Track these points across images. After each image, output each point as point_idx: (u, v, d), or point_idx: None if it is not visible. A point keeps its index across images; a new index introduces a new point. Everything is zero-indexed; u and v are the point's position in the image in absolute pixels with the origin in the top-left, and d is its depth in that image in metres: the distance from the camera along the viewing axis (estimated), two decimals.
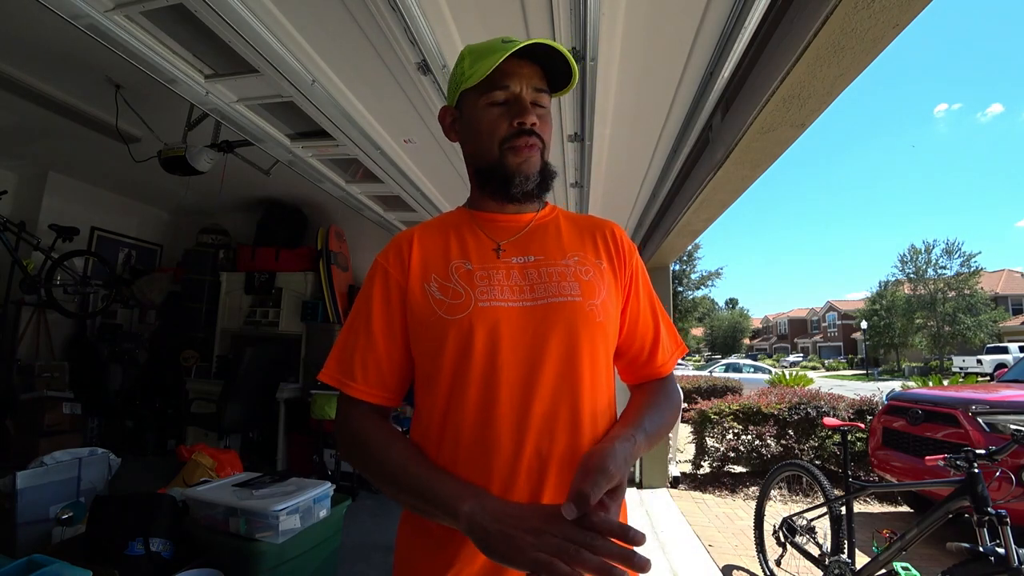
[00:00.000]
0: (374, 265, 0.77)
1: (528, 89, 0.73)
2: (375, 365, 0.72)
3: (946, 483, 1.82)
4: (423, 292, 0.71)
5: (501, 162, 0.74)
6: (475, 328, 0.66)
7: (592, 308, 0.70)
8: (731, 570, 2.81)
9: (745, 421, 4.55)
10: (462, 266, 0.72)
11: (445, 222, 0.81)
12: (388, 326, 0.73)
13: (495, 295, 0.69)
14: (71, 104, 2.90)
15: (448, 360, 0.67)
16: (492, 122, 0.73)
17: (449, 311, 0.68)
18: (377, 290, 0.74)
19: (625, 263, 0.79)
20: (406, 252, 0.75)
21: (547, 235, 0.78)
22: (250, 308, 4.71)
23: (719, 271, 21.43)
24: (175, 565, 1.70)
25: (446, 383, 0.68)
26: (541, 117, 0.74)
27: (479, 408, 0.65)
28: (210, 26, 1.55)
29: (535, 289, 0.71)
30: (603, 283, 0.74)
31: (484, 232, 0.77)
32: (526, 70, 0.73)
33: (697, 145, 2.38)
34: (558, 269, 0.73)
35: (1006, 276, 33.12)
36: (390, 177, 2.78)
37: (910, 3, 1.15)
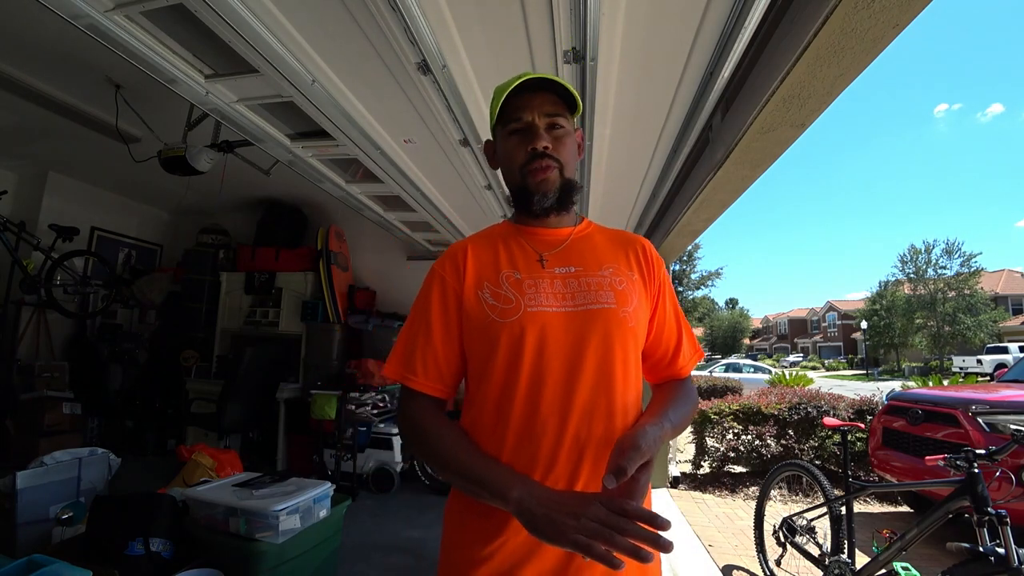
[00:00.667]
0: (431, 273, 0.87)
1: (540, 117, 0.82)
2: (434, 362, 0.81)
3: (946, 483, 1.82)
4: (477, 298, 0.80)
5: (523, 184, 0.84)
6: (526, 330, 0.76)
7: (625, 314, 0.80)
8: (731, 570, 2.81)
9: (745, 421, 4.55)
10: (512, 275, 0.81)
11: (493, 234, 0.90)
12: (445, 328, 0.82)
13: (541, 301, 0.78)
14: (71, 104, 2.90)
15: (501, 358, 0.76)
16: (512, 150, 0.84)
17: (501, 315, 0.78)
18: (435, 295, 0.83)
19: (654, 276, 0.89)
20: (461, 262, 0.84)
21: (584, 248, 0.87)
22: (250, 308, 4.71)
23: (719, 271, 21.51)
24: (175, 565, 1.71)
25: (499, 378, 0.77)
26: (558, 138, 0.83)
27: (527, 400, 0.75)
28: (210, 26, 1.55)
29: (576, 296, 0.80)
30: (634, 292, 0.83)
31: (529, 244, 0.86)
32: (537, 100, 0.82)
33: (697, 145, 2.38)
34: (595, 279, 0.82)
35: (1006, 276, 33.11)
36: (390, 177, 2.78)
37: (910, 3, 1.15)
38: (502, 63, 1.78)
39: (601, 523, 0.58)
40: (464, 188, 3.03)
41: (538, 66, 1.76)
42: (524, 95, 0.81)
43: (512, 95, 0.81)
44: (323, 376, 4.11)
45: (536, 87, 0.82)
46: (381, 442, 3.90)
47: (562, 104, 0.84)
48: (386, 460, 3.86)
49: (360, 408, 3.86)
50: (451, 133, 2.18)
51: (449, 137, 2.25)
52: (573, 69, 1.65)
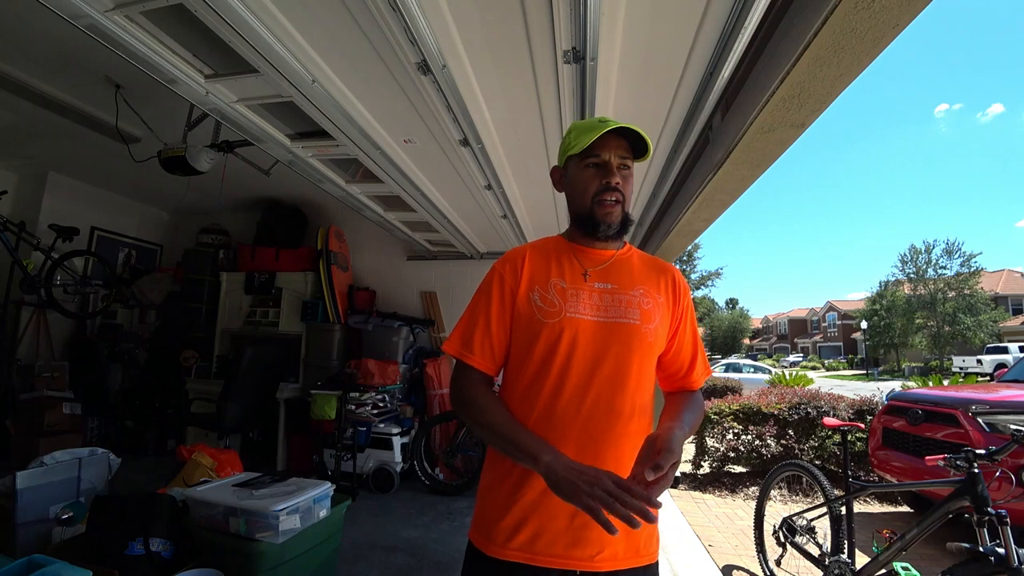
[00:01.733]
0: (493, 271, 1.02)
1: (615, 157, 0.97)
2: (488, 344, 0.97)
3: (946, 483, 1.82)
4: (528, 299, 0.96)
5: (592, 212, 0.99)
6: (564, 331, 0.92)
7: (646, 331, 0.95)
8: (731, 570, 2.81)
9: (745, 421, 4.55)
10: (559, 283, 0.97)
11: (547, 246, 1.05)
12: (501, 318, 0.98)
13: (579, 309, 0.94)
14: (71, 104, 2.90)
15: (538, 351, 0.93)
16: (587, 180, 0.98)
17: (545, 316, 0.94)
18: (495, 290, 0.99)
19: (679, 302, 1.04)
20: (519, 266, 1.00)
21: (622, 270, 1.02)
22: (250, 308, 4.71)
23: (719, 271, 21.49)
24: (175, 565, 1.70)
25: (533, 367, 0.93)
26: (624, 178, 0.99)
27: (552, 389, 0.91)
28: (210, 26, 1.55)
29: (608, 310, 0.95)
30: (659, 313, 0.98)
31: (577, 260, 1.01)
32: (614, 143, 0.97)
33: (697, 145, 2.38)
34: (626, 297, 0.97)
35: (1006, 276, 33.08)
36: (390, 177, 2.78)
37: (910, 3, 1.15)
38: (502, 63, 1.78)
39: (608, 494, 0.71)
40: (464, 188, 3.03)
41: (537, 65, 1.76)
42: (605, 136, 0.95)
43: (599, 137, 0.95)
44: (323, 376, 4.11)
45: (615, 132, 0.96)
46: (381, 442, 3.90)
47: (630, 151, 0.99)
48: (386, 460, 3.86)
49: (360, 408, 3.86)
50: (451, 133, 2.18)
51: (449, 137, 2.25)
52: (573, 69, 1.65)
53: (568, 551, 0.87)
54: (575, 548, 0.87)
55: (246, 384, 3.66)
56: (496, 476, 0.95)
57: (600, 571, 0.88)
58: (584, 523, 0.85)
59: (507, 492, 0.91)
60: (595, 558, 0.87)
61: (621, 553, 0.89)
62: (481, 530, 0.93)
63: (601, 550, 0.87)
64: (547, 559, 0.87)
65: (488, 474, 0.98)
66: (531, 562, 0.87)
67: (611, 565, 0.88)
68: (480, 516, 0.95)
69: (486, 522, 0.92)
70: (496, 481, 0.94)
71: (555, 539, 0.87)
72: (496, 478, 0.94)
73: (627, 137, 0.97)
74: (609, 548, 0.88)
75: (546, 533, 0.87)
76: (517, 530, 0.88)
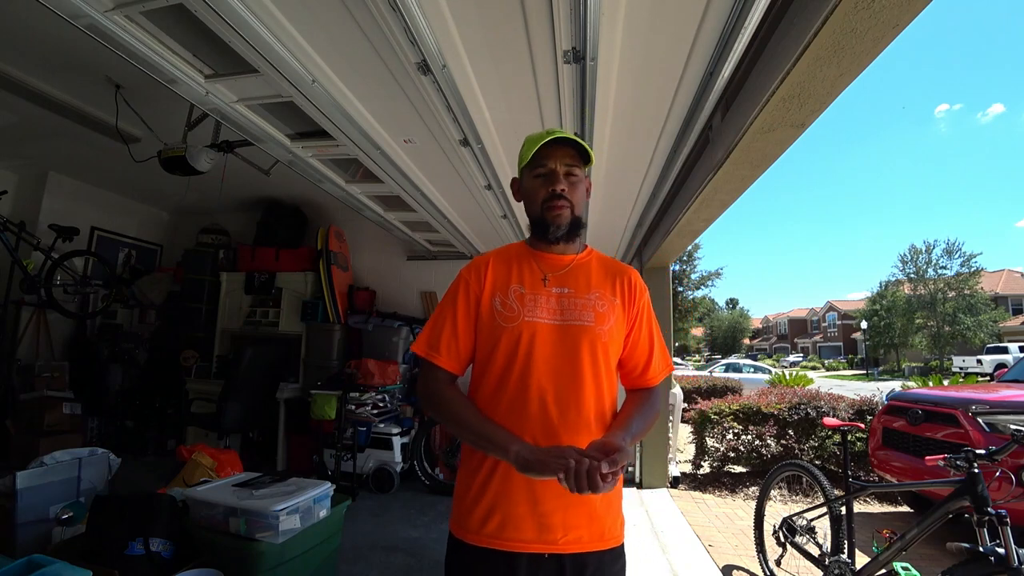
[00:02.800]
0: (459, 277, 1.09)
1: (560, 165, 1.04)
2: (454, 345, 1.04)
3: (946, 483, 1.82)
4: (491, 304, 1.04)
5: (542, 216, 1.06)
6: (522, 334, 1.00)
7: (600, 332, 1.02)
8: (731, 570, 2.81)
9: (745, 421, 4.55)
10: (518, 289, 1.04)
11: (510, 253, 1.12)
12: (466, 320, 1.05)
13: (537, 313, 1.01)
14: (71, 104, 2.90)
15: (501, 353, 1.00)
16: (536, 189, 1.06)
17: (505, 320, 1.01)
18: (461, 294, 1.06)
19: (634, 303, 1.09)
20: (483, 272, 1.07)
21: (580, 275, 1.08)
22: (250, 308, 4.71)
23: (719, 271, 21.37)
24: (175, 565, 1.71)
25: (498, 369, 1.01)
26: (572, 184, 1.05)
27: (517, 389, 0.98)
28: (210, 26, 1.55)
29: (564, 313, 1.02)
30: (613, 314, 1.05)
31: (537, 265, 1.09)
32: (559, 152, 1.04)
33: (697, 145, 2.38)
34: (582, 301, 1.04)
35: (1006, 276, 33.06)
36: (390, 177, 2.78)
37: (910, 3, 1.15)
38: (502, 63, 1.78)
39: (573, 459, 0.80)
40: (464, 188, 3.02)
41: (537, 65, 1.76)
42: (551, 147, 1.03)
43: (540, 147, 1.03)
44: (323, 376, 4.11)
45: (560, 143, 1.03)
46: (381, 442, 3.90)
47: (579, 158, 1.05)
48: (386, 460, 3.86)
49: (360, 408, 3.86)
50: (451, 133, 2.18)
51: (449, 137, 2.25)
52: (573, 69, 1.65)
53: (536, 536, 0.95)
54: (542, 533, 0.95)
55: (246, 384, 3.66)
56: (467, 472, 1.02)
57: (566, 553, 0.95)
58: (547, 510, 0.95)
59: (477, 487, 0.99)
60: (560, 541, 0.95)
61: (586, 537, 0.96)
62: (457, 521, 1.01)
63: (566, 534, 0.95)
64: (517, 544, 0.95)
65: (462, 471, 1.06)
66: (503, 547, 0.95)
67: (576, 548, 0.95)
68: (456, 508, 1.03)
69: (461, 514, 1.01)
70: (467, 477, 1.02)
71: (520, 525, 0.95)
72: (467, 474, 1.02)
73: (574, 146, 1.04)
74: (574, 532, 0.95)
75: (512, 520, 0.95)
76: (487, 519, 0.96)
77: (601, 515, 0.98)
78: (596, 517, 0.97)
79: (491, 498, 0.97)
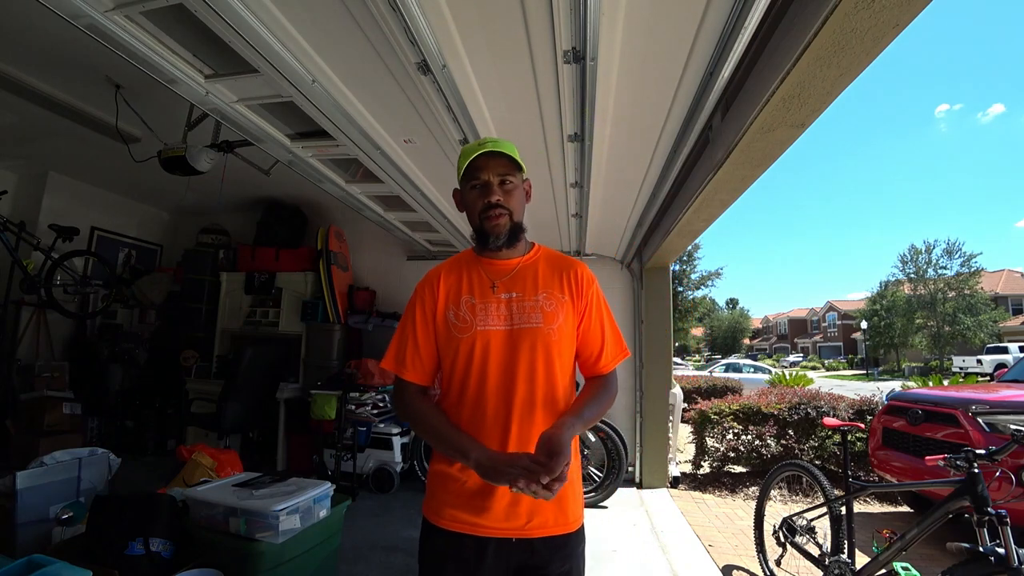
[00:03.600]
0: (416, 292, 1.16)
1: (493, 176, 1.07)
2: (418, 360, 1.11)
3: (946, 483, 1.82)
4: (445, 317, 1.10)
5: (481, 227, 1.11)
6: (476, 343, 1.06)
7: (550, 331, 1.07)
8: (731, 570, 2.81)
9: (745, 421, 4.55)
10: (468, 300, 1.10)
11: (460, 263, 1.17)
12: (425, 334, 1.12)
13: (489, 321, 1.07)
14: (71, 104, 2.90)
15: (460, 362, 1.07)
16: (473, 201, 1.10)
17: (459, 331, 1.07)
18: (418, 309, 1.13)
19: (582, 295, 1.13)
20: (436, 286, 1.13)
21: (527, 276, 1.13)
22: (250, 308, 4.71)
23: (719, 271, 21.36)
24: (175, 565, 1.71)
25: (458, 377, 1.07)
26: (508, 192, 1.09)
27: (475, 395, 1.05)
28: (210, 26, 1.55)
29: (514, 318, 1.08)
30: (562, 311, 1.10)
31: (486, 273, 1.13)
32: (492, 163, 1.07)
33: (697, 145, 2.37)
34: (530, 303, 1.09)
35: (1006, 276, 33.06)
36: (390, 177, 2.78)
37: (910, 3, 1.15)
38: (502, 63, 1.78)
39: (524, 469, 0.87)
40: None
41: (537, 65, 1.76)
42: (483, 157, 1.06)
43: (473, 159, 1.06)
44: (323, 376, 4.11)
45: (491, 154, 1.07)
46: (381, 442, 3.90)
47: (512, 165, 1.08)
48: (386, 460, 3.86)
49: (360, 408, 3.86)
50: (451, 133, 2.18)
51: (449, 137, 2.25)
52: (573, 69, 1.65)
53: (503, 523, 1.02)
54: (509, 520, 1.02)
55: (246, 384, 3.67)
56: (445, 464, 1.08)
57: (532, 537, 1.02)
58: (515, 499, 1.01)
59: (454, 478, 1.05)
60: (526, 527, 1.02)
61: (551, 521, 1.03)
62: (432, 508, 1.08)
63: (531, 519, 1.02)
64: (487, 530, 1.02)
65: (438, 463, 1.11)
66: (473, 532, 1.02)
67: (542, 532, 1.02)
68: (431, 496, 1.10)
69: (436, 501, 1.07)
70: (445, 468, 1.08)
71: (491, 514, 1.02)
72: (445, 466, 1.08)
73: (507, 156, 1.07)
74: (539, 517, 1.02)
75: (485, 510, 1.02)
76: (463, 508, 1.03)
77: (567, 500, 1.05)
78: (562, 502, 1.04)
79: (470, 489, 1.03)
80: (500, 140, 1.10)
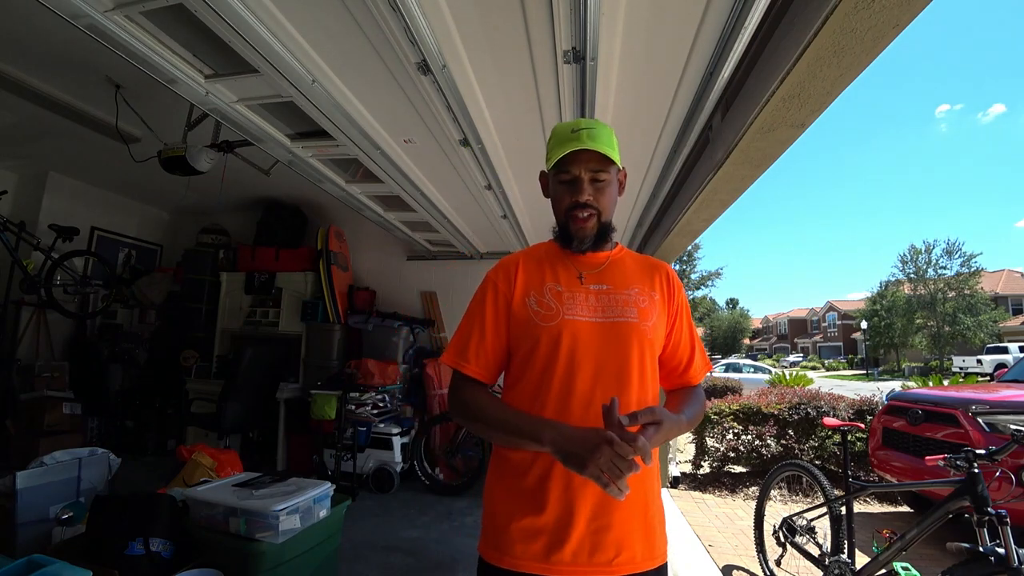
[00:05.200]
0: (486, 280, 1.04)
1: (585, 171, 0.96)
2: (483, 354, 0.98)
3: (946, 483, 1.82)
4: (524, 304, 0.97)
5: (566, 225, 1.01)
6: (563, 333, 0.93)
7: (645, 328, 0.96)
8: (731, 570, 2.81)
9: (745, 421, 4.55)
10: (554, 287, 0.98)
11: (540, 252, 1.06)
12: (495, 327, 0.99)
13: (577, 311, 0.95)
14: (71, 104, 2.90)
15: (540, 355, 0.93)
16: (560, 195, 1.00)
17: (543, 320, 0.95)
18: (489, 299, 1.00)
19: (673, 299, 1.04)
20: (513, 273, 1.01)
21: (616, 271, 1.03)
22: (250, 308, 4.71)
23: (719, 271, 21.47)
24: (175, 565, 1.71)
25: (536, 371, 0.93)
26: (599, 189, 0.98)
27: (561, 391, 0.91)
28: (210, 26, 1.55)
29: (606, 310, 0.96)
30: (655, 310, 0.99)
31: (572, 264, 1.03)
32: (584, 156, 0.95)
33: (697, 145, 2.38)
34: (623, 297, 0.98)
35: (1006, 276, 33.06)
36: (390, 177, 2.78)
37: (910, 3, 1.15)
38: (502, 63, 1.78)
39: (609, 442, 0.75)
40: (464, 188, 3.02)
41: (537, 65, 1.76)
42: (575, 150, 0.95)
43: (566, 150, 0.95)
44: (323, 376, 4.11)
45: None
46: (381, 442, 3.90)
47: (607, 159, 0.96)
48: (386, 460, 3.86)
49: (360, 408, 3.86)
50: (451, 133, 2.18)
51: (449, 137, 2.25)
52: (573, 69, 1.65)
53: (587, 558, 0.86)
54: (594, 554, 0.86)
55: (246, 384, 3.66)
56: (508, 486, 0.93)
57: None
58: (602, 526, 0.87)
59: (523, 501, 0.90)
60: (613, 562, 0.86)
61: (639, 556, 0.89)
62: (492, 543, 0.91)
63: (619, 553, 0.87)
64: (566, 567, 0.85)
65: (498, 485, 0.96)
66: (548, 572, 0.86)
67: (629, 568, 0.87)
68: (491, 527, 0.93)
69: (497, 533, 0.91)
70: (509, 490, 0.92)
71: (573, 547, 0.86)
72: (508, 488, 0.93)
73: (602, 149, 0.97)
74: (627, 551, 0.87)
75: (564, 542, 0.86)
76: (533, 539, 0.87)
77: (654, 527, 0.92)
78: (649, 530, 0.91)
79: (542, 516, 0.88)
80: (596, 125, 0.96)
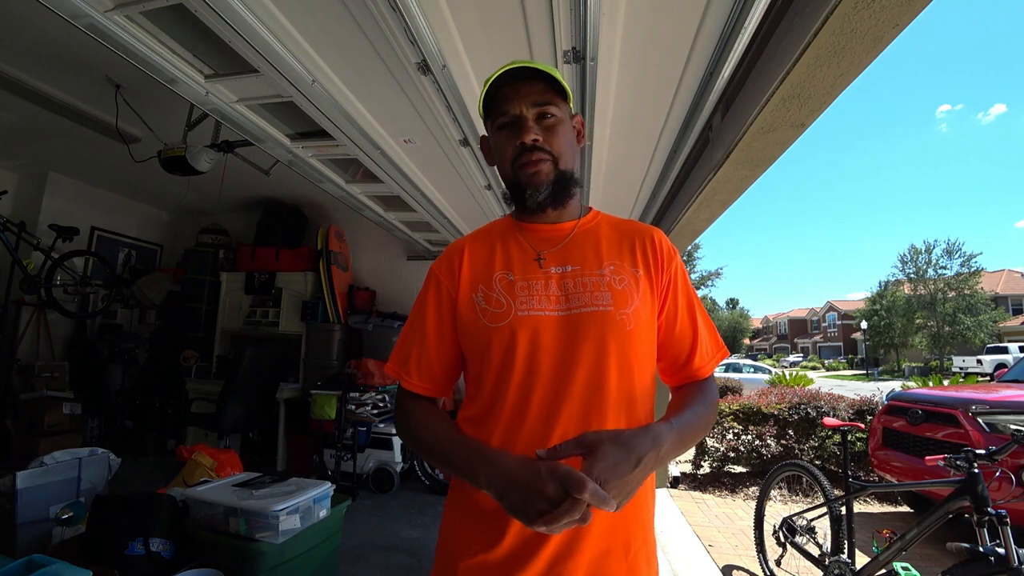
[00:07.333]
0: (429, 274, 0.85)
1: (528, 107, 0.77)
2: (427, 364, 0.82)
3: (946, 483, 1.82)
4: (471, 301, 0.79)
5: (515, 179, 0.80)
6: (516, 335, 0.73)
7: (623, 317, 0.75)
8: (731, 570, 2.81)
9: (745, 421, 4.55)
10: (504, 277, 0.79)
11: (492, 231, 0.87)
12: (439, 330, 0.81)
13: (534, 305, 0.76)
14: (71, 104, 2.90)
15: (493, 362, 0.75)
16: (502, 145, 0.80)
17: (492, 319, 0.76)
18: (431, 298, 0.83)
19: (663, 269, 0.82)
20: (456, 263, 0.82)
21: (586, 244, 0.82)
22: (250, 308, 4.71)
23: (719, 271, 21.45)
24: (175, 565, 1.71)
25: (491, 381, 0.75)
26: (549, 128, 0.78)
27: (515, 405, 0.73)
28: (210, 26, 1.55)
29: (570, 299, 0.76)
30: (637, 291, 0.78)
31: (528, 242, 0.83)
32: (524, 89, 0.77)
33: (697, 145, 2.38)
34: (593, 279, 0.77)
35: (1006, 276, 33.08)
36: (390, 177, 2.78)
37: (910, 3, 1.15)
38: (502, 63, 1.77)
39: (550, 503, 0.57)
40: (464, 188, 3.02)
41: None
42: (509, 85, 0.77)
43: (496, 86, 0.77)
44: (323, 376, 4.11)
45: (522, 76, 0.77)
46: (381, 442, 3.90)
47: (552, 91, 0.78)
48: (386, 460, 3.86)
49: (360, 408, 3.86)
50: (451, 133, 2.18)
51: (449, 137, 2.25)
52: (573, 69, 1.65)
53: None
54: None
55: (246, 384, 3.66)
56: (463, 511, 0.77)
57: None
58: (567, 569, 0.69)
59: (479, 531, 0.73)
60: None
61: None
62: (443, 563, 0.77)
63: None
64: None
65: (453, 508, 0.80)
66: None
67: None
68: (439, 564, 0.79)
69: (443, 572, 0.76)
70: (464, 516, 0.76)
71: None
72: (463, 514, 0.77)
73: (544, 78, 0.78)
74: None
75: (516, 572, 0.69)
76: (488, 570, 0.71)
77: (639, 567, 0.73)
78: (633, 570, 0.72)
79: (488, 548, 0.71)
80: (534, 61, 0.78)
